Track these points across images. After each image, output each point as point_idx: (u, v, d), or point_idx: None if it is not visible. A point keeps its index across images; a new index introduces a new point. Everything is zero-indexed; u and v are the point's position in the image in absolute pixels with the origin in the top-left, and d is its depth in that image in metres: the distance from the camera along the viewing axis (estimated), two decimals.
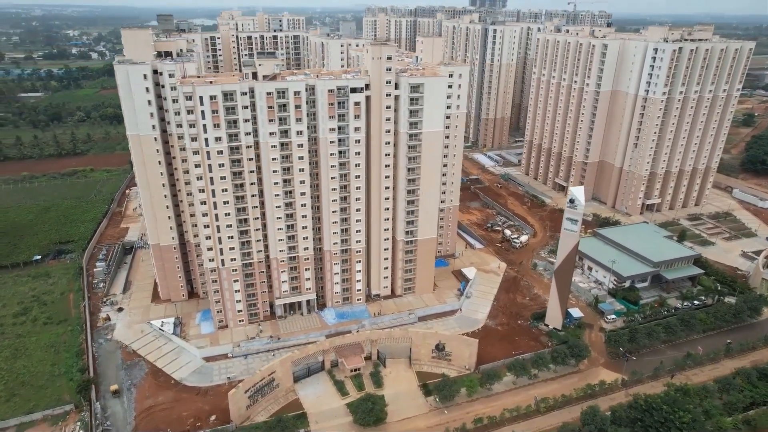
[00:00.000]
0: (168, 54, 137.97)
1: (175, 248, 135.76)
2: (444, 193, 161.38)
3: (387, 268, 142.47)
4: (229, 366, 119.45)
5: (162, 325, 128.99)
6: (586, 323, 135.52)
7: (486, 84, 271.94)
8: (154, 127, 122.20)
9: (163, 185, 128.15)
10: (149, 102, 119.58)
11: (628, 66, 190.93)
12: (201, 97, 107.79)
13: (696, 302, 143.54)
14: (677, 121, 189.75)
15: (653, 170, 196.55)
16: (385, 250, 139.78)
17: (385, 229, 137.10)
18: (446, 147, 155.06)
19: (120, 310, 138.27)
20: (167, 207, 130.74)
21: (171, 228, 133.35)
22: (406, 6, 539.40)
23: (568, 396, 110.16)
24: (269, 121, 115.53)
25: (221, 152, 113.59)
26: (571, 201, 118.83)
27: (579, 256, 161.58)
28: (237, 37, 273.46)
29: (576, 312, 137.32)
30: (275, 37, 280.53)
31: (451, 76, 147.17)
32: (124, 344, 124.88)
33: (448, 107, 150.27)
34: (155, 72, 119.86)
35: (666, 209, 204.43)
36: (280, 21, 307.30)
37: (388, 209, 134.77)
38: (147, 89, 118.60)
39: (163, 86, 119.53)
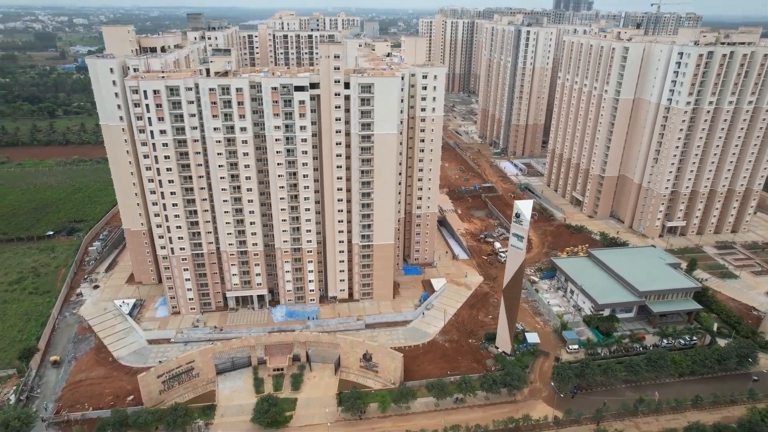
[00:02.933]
0: (153, 50, 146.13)
1: (144, 234, 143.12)
2: (420, 199, 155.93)
3: (343, 271, 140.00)
4: (168, 351, 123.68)
5: (122, 305, 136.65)
6: (543, 351, 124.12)
7: (517, 88, 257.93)
8: (121, 118, 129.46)
9: (132, 173, 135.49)
10: (116, 94, 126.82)
11: (652, 72, 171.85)
12: (145, 91, 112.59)
13: (682, 341, 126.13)
14: (707, 135, 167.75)
15: (676, 189, 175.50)
16: (340, 252, 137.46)
17: (339, 231, 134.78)
18: (422, 152, 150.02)
19: (96, 287, 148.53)
20: (135, 194, 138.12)
21: (140, 214, 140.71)
22: (475, 7, 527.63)
23: (483, 427, 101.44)
24: (213, 116, 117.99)
25: (166, 145, 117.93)
26: (517, 216, 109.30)
27: (564, 278, 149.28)
28: (273, 35, 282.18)
29: (533, 337, 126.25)
30: (310, 37, 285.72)
31: (425, 77, 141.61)
32: (84, 319, 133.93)
33: (423, 110, 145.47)
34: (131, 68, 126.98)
35: (692, 233, 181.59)
36: (317, 21, 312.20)
37: (341, 211, 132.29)
38: (114, 82, 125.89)
39: None
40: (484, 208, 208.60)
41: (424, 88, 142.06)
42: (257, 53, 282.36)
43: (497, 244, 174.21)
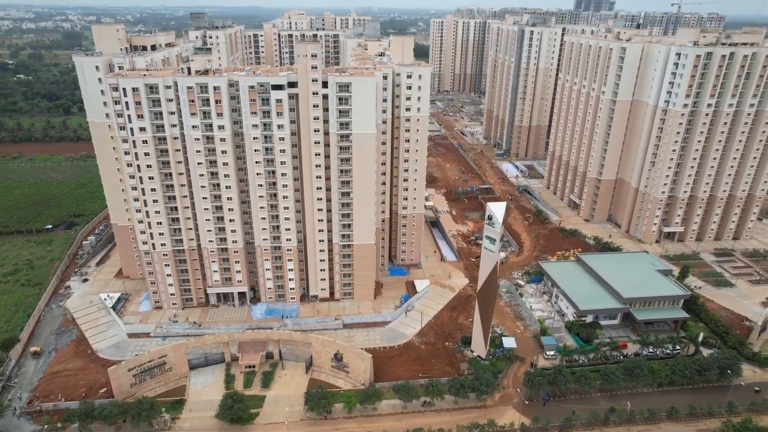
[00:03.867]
0: (143, 48, 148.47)
1: (131, 229, 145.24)
2: (406, 199, 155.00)
3: (324, 270, 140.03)
4: (146, 345, 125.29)
5: (106, 299, 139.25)
6: (519, 356, 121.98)
7: (520, 89, 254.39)
8: (107, 115, 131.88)
9: (118, 169, 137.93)
10: (102, 92, 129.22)
11: (650, 73, 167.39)
12: (124, 89, 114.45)
13: (666, 350, 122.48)
14: (706, 138, 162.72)
15: (673, 193, 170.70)
16: (320, 251, 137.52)
17: (319, 231, 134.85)
18: (407, 152, 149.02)
19: (85, 281, 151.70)
20: (122, 190, 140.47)
21: (127, 210, 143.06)
22: (490, 7, 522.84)
23: (446, 431, 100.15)
24: (192, 114, 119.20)
25: (146, 142, 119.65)
26: (489, 218, 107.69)
27: (551, 282, 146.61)
28: (278, 35, 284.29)
29: (509, 341, 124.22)
30: (315, 36, 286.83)
31: (410, 77, 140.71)
32: (69, 311, 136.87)
33: (407, 110, 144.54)
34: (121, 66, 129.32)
35: (691, 239, 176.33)
36: (323, 21, 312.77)
37: (321, 210, 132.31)
38: (99, 80, 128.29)
39: None
40: (480, 210, 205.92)
41: (409, 87, 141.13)
42: (263, 53, 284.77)
43: None
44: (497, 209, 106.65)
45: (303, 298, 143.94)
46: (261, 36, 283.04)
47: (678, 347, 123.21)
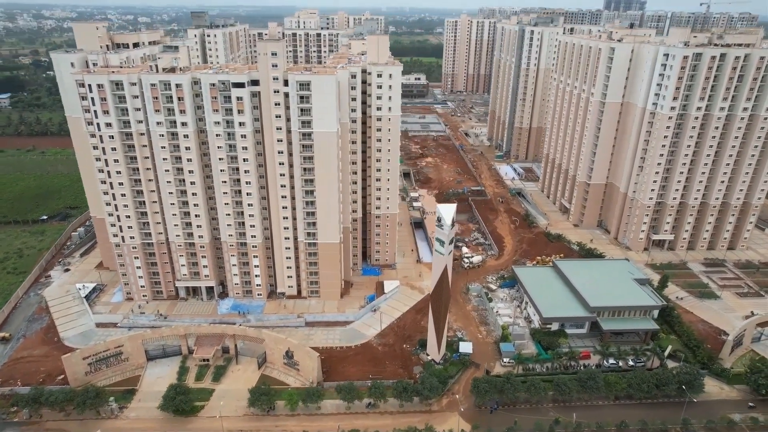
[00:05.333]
0: (125, 46, 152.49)
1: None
2: (379, 199, 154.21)
3: (290, 267, 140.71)
4: (112, 334, 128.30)
5: (81, 289, 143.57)
6: (474, 362, 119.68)
7: (521, 90, 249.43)
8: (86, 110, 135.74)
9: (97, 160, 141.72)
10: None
11: (641, 74, 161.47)
12: (89, 85, 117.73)
13: (630, 362, 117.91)
14: (696, 143, 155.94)
15: (662, 200, 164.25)
16: (286, 249, 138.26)
17: (284, 228, 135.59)
18: (379, 151, 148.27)
19: (66, 270, 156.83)
20: (101, 182, 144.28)
21: (104, 203, 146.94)
22: (511, 7, 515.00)
23: None
24: (156, 111, 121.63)
25: (112, 137, 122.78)
26: (438, 220, 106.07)
27: (522, 288, 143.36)
28: (283, 34, 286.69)
29: (466, 347, 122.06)
30: (319, 35, 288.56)
31: (380, 76, 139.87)
32: (45, 300, 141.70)
33: (378, 109, 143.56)
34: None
35: (682, 248, 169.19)
36: (328, 19, 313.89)
37: (286, 208, 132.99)
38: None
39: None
40: (468, 212, 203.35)
41: (379, 87, 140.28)
42: None
43: (464, 249, 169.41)
44: (446, 211, 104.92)
45: (271, 295, 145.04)
46: (265, 35, 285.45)
47: (642, 359, 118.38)
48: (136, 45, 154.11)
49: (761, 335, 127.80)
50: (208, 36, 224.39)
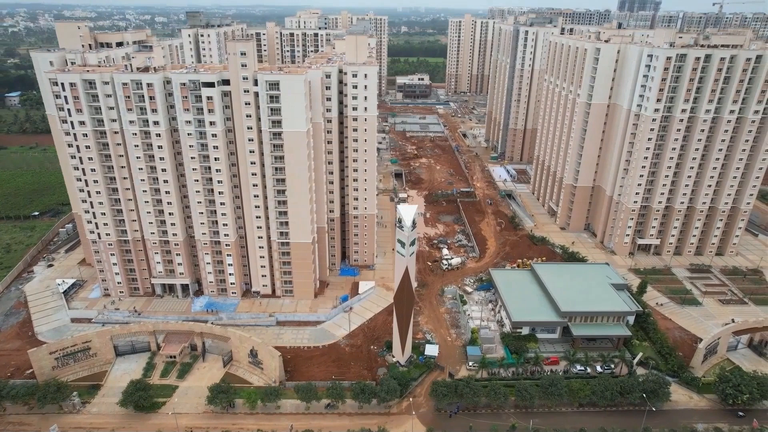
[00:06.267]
0: (108, 45, 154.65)
1: None
2: (357, 200, 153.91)
3: (264, 266, 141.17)
4: (85, 329, 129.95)
5: (60, 284, 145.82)
6: (440, 365, 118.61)
7: (515, 91, 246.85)
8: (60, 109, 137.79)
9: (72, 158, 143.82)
10: None
11: (627, 75, 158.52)
12: (62, 84, 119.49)
13: (600, 369, 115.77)
14: (681, 146, 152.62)
15: (648, 203, 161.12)
16: (260, 248, 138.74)
17: (258, 227, 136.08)
18: (355, 151, 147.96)
19: (50, 266, 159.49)
20: (76, 179, 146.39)
21: (80, 200, 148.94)
22: (520, 7, 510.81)
23: None
24: (128, 110, 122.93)
25: (86, 135, 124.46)
26: (399, 221, 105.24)
27: (498, 291, 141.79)
28: (280, 33, 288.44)
29: (432, 349, 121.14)
30: (316, 35, 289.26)
31: (355, 76, 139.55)
32: (25, 295, 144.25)
33: (354, 109, 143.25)
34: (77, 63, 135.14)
35: (668, 253, 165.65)
36: (326, 19, 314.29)
37: (258, 207, 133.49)
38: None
39: None
40: (456, 213, 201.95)
41: (355, 86, 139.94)
42: (265, 51, 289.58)
43: (445, 251, 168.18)
44: (406, 212, 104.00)
45: (246, 293, 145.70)
46: (263, 34, 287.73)
47: (610, 366, 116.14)
48: (120, 44, 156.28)
49: (738, 344, 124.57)
50: (202, 36, 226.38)
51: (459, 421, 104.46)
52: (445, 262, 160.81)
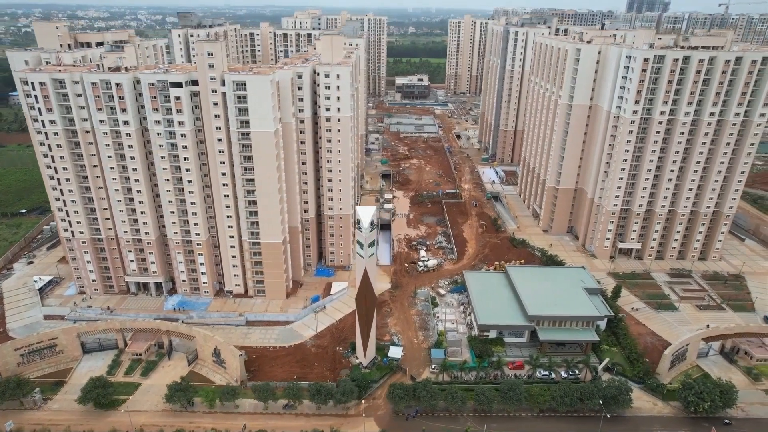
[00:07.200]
0: (88, 45, 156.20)
1: None
2: (332, 200, 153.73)
3: (236, 266, 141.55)
4: (57, 326, 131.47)
5: (37, 281, 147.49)
6: (402, 367, 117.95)
7: (505, 92, 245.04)
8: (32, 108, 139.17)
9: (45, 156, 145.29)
10: None
11: (608, 76, 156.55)
12: (32, 83, 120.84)
13: (565, 374, 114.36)
14: (661, 148, 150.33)
15: (628, 207, 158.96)
16: (231, 247, 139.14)
17: (229, 227, 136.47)
18: (329, 152, 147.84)
19: (30, 263, 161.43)
20: (49, 178, 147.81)
21: (53, 198, 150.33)
22: (523, 8, 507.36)
23: None
24: (98, 109, 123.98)
25: (57, 134, 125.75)
26: (357, 222, 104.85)
27: (469, 293, 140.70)
28: (274, 34, 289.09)
29: (395, 351, 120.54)
30: (309, 35, 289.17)
31: (327, 76, 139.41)
32: (1, 291, 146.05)
33: (327, 110, 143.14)
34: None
35: (650, 257, 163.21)
36: (319, 20, 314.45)
37: (229, 207, 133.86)
38: None
39: None
40: (440, 215, 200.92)
41: (327, 87, 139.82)
42: (259, 51, 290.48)
43: (422, 252, 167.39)
44: (364, 213, 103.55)
45: (219, 292, 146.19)
46: (257, 35, 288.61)
47: (575, 372, 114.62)
48: (100, 44, 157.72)
49: (709, 350, 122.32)
50: (191, 36, 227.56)
51: (415, 424, 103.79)
52: (421, 263, 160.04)
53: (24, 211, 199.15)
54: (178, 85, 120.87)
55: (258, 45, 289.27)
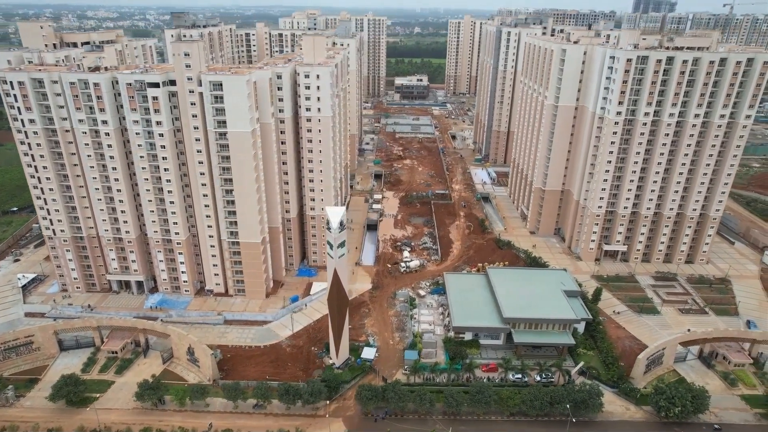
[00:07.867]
0: (74, 44, 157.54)
1: None
2: (313, 200, 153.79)
3: (216, 265, 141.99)
4: (37, 323, 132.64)
5: (21, 278, 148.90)
6: (374, 368, 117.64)
7: (498, 92, 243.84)
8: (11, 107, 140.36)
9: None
10: None
11: (593, 77, 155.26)
12: (11, 82, 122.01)
13: (538, 378, 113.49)
14: (646, 150, 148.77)
15: (613, 209, 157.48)
16: (211, 247, 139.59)
17: (208, 226, 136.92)
18: (310, 152, 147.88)
19: (16, 260, 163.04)
20: (30, 176, 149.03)
21: (35, 197, 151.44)
22: (526, 8, 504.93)
23: None
24: (77, 109, 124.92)
25: (36, 133, 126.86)
26: (327, 223, 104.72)
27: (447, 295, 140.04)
28: (269, 34, 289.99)
29: (369, 352, 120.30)
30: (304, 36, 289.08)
31: (307, 77, 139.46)
32: None
33: (308, 110, 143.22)
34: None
35: (636, 260, 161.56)
36: (315, 20, 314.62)
37: (208, 206, 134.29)
38: None
39: None
40: (428, 215, 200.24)
41: (307, 87, 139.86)
42: (255, 51, 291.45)
43: (405, 253, 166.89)
44: (333, 214, 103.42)
45: (200, 291, 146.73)
46: (253, 35, 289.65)
47: (548, 375, 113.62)
48: (86, 44, 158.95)
49: (687, 354, 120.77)
50: (185, 36, 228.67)
51: (383, 426, 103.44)
52: (403, 264, 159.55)
53: (15, 209, 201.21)
54: (156, 85, 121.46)
55: (254, 45, 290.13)
